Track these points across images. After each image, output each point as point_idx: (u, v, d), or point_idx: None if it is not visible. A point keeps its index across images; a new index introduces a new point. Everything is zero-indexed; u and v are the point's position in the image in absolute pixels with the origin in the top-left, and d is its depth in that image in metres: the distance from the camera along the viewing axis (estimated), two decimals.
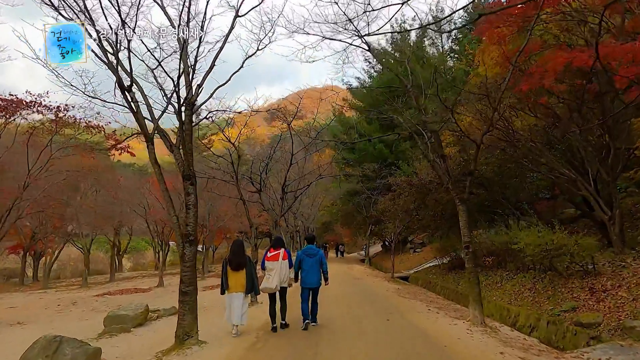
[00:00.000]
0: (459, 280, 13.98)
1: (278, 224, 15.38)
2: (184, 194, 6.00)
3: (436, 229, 16.25)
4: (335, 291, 12.21)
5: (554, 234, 8.78)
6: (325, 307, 8.84)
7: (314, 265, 6.56)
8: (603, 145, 10.42)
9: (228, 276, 6.19)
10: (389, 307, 9.08)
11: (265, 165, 15.23)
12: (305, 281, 6.55)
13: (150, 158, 5.96)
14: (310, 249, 6.74)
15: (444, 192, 13.92)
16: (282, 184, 15.20)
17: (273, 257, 6.37)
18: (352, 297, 10.84)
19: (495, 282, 11.54)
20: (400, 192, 17.67)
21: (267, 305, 6.63)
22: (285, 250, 6.50)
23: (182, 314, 5.79)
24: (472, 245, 13.25)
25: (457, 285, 13.42)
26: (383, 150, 28.67)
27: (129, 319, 7.80)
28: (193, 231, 5.92)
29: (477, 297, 7.27)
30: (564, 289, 8.25)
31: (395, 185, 18.21)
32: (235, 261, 6.18)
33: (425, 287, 16.39)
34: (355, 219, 31.81)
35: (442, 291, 14.12)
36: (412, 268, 22.48)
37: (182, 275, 5.84)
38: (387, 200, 19.51)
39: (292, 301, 6.84)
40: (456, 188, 7.76)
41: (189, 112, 6.07)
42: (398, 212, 17.70)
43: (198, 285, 6.17)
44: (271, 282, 6.20)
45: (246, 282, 6.17)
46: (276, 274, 6.23)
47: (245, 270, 6.20)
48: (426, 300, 11.16)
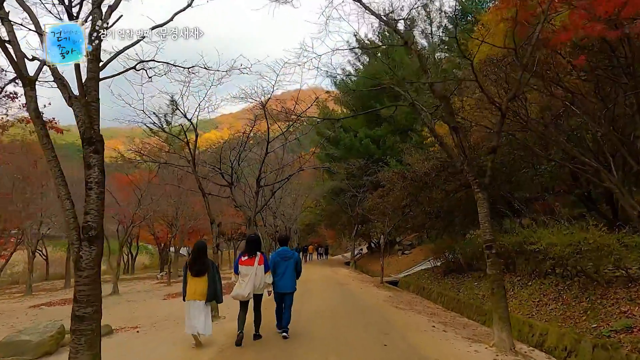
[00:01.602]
0: (458, 286, 12.23)
1: (252, 222, 13.38)
2: (84, 167, 3.93)
3: (431, 228, 14.46)
4: (317, 300, 10.27)
5: (587, 232, 7.09)
6: (305, 322, 6.95)
7: (289, 269, 6.06)
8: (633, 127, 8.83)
9: (188, 282, 5.59)
10: (383, 322, 7.18)
11: (237, 154, 13.19)
12: (278, 285, 6.01)
13: (28, 109, 3.89)
14: (284, 251, 6.23)
15: (444, 184, 12.19)
16: (257, 177, 13.21)
17: (248, 261, 5.74)
18: (337, 308, 8.93)
19: (506, 289, 9.78)
20: (391, 187, 15.90)
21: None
22: (262, 254, 5.84)
23: (74, 350, 3.74)
24: (471, 248, 11.49)
25: (457, 293, 11.66)
26: (370, 146, 26.91)
27: (31, 346, 5.65)
28: (95, 223, 3.87)
29: (504, 315, 5.43)
30: (605, 300, 6.52)
31: (385, 180, 16.46)
32: (195, 266, 5.56)
33: (419, 293, 14.60)
34: (340, 218, 29.96)
35: (440, 299, 12.34)
36: (401, 271, 20.70)
37: (77, 291, 3.80)
38: (375, 197, 17.70)
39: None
40: (473, 170, 5.93)
41: (96, 44, 4.04)
42: (387, 210, 15.90)
43: (162, 293, 4.25)
44: (244, 288, 5.59)
45: (207, 290, 5.53)
46: (250, 280, 5.62)
47: (207, 276, 5.56)
48: (425, 312, 9.33)
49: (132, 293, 14.36)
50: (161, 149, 10.40)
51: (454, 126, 6.05)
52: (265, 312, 6.05)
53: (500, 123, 5.89)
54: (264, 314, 5.96)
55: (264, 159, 12.93)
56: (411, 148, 17.44)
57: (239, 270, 5.74)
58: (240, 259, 5.82)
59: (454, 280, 13.22)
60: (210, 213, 7.97)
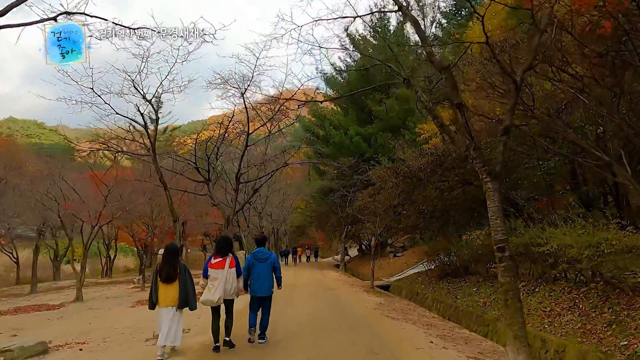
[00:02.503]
0: (455, 292, 11.24)
1: (231, 222, 12.27)
2: None
3: (425, 229, 13.45)
4: (300, 309, 9.19)
5: (607, 232, 6.14)
6: (282, 337, 5.95)
7: (266, 271, 5.73)
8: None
9: (158, 288, 5.22)
10: (372, 337, 6.12)
11: (215, 148, 12.07)
12: (254, 289, 5.70)
13: None
14: (261, 252, 5.88)
15: (440, 182, 11.21)
16: (236, 173, 12.11)
17: (218, 264, 5.41)
18: (321, 319, 7.85)
19: None
20: (382, 185, 14.89)
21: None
22: (233, 256, 5.50)
23: None
24: (469, 250, 10.54)
25: (454, 299, 10.65)
26: (361, 144, 25.92)
27: None
28: None
29: (520, 333, 4.40)
30: (633, 311, 5.54)
31: (376, 178, 15.46)
32: (165, 271, 5.21)
33: (412, 299, 13.59)
34: (330, 219, 28.87)
35: (435, 306, 11.33)
36: (393, 275, 19.72)
37: None
38: (365, 195, 16.68)
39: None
40: (481, 155, 4.91)
41: None
42: (379, 210, 14.88)
43: (133, 299, 3.50)
44: (213, 293, 5.24)
45: (179, 296, 5.17)
46: (220, 284, 5.27)
47: (178, 282, 5.20)
48: (420, 322, 8.30)
49: (99, 300, 13.08)
50: (124, 138, 9.25)
51: (458, 103, 5.02)
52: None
53: (515, 97, 4.89)
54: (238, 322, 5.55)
55: (243, 152, 11.84)
56: (404, 144, 16.48)
57: (208, 274, 5.42)
58: (209, 262, 5.48)
59: (450, 285, 12.23)
60: (174, 210, 6.90)
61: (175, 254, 5.39)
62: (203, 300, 5.31)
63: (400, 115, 25.50)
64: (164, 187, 6.82)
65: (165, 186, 6.84)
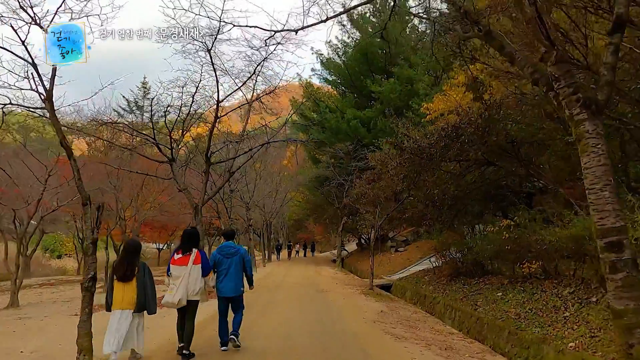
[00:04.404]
0: (473, 296, 9.05)
1: (200, 212, 10.12)
2: None
3: (435, 219, 11.22)
4: (277, 320, 7.05)
5: None
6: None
7: (233, 268, 5.15)
8: None
9: (114, 288, 4.64)
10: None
11: (177, 118, 9.82)
12: (220, 289, 5.14)
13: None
14: (228, 247, 5.34)
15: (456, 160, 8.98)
16: (206, 151, 9.89)
17: (181, 260, 4.86)
18: (301, 338, 5.69)
19: (551, 305, 6.65)
20: (383, 169, 12.69)
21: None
22: (198, 251, 4.91)
23: None
24: (493, 245, 8.41)
25: (474, 307, 8.45)
26: (359, 128, 23.63)
27: None
28: None
29: None
30: None
31: (376, 161, 13.28)
32: (121, 269, 4.65)
33: (418, 302, 11.42)
34: (326, 211, 26.69)
35: (449, 314, 9.15)
36: (394, 272, 17.56)
37: None
38: (363, 182, 14.47)
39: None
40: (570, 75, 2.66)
41: None
42: (380, 198, 12.68)
43: None
44: (174, 294, 4.64)
45: (137, 297, 4.58)
46: (182, 283, 4.68)
47: (135, 281, 4.63)
48: (436, 342, 6.10)
49: (42, 305, 10.92)
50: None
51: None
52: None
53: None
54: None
55: (213, 125, 9.58)
56: (408, 124, 14.27)
57: (170, 272, 4.92)
58: (172, 258, 5.00)
59: (465, 287, 10.06)
60: (82, 188, 4.68)
61: (134, 251, 4.91)
62: (164, 302, 4.81)
63: (402, 97, 23.20)
64: (67, 155, 4.64)
65: (69, 153, 4.63)
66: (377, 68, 26.07)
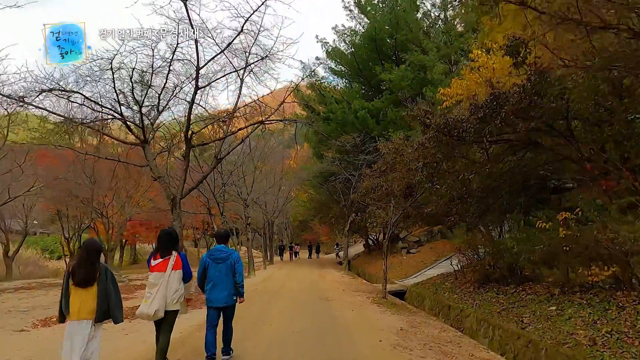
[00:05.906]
0: (517, 310, 7.24)
1: (178, 205, 8.49)
2: None
3: (461, 215, 9.38)
4: (273, 336, 5.31)
5: None
6: None
7: (224, 275, 4.68)
8: None
9: (70, 295, 3.91)
10: None
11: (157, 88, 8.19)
12: (211, 299, 4.68)
13: None
14: (219, 250, 4.81)
15: (493, 140, 7.21)
16: (185, 129, 8.24)
17: (158, 266, 4.22)
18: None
19: (632, 321, 4.84)
20: (397, 157, 10.97)
21: None
22: (179, 255, 4.30)
23: None
24: (547, 246, 6.72)
25: (519, 325, 6.63)
26: (367, 119, 21.86)
27: None
28: None
29: None
30: None
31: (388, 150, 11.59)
32: (81, 273, 3.92)
33: (441, 313, 9.63)
34: (332, 209, 24.93)
35: (485, 332, 7.34)
36: (408, 276, 15.74)
37: None
38: (374, 174, 12.73)
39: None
40: None
41: None
42: (395, 190, 10.91)
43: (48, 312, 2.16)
44: (150, 304, 4.09)
45: (97, 305, 3.91)
46: (160, 291, 4.11)
47: (96, 287, 3.95)
48: None
49: (9, 313, 9.30)
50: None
51: None
52: None
53: None
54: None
55: (193, 98, 7.88)
56: (426, 104, 12.49)
57: (148, 280, 4.29)
58: (150, 264, 4.29)
59: (499, 296, 8.28)
60: None
61: (95, 253, 4.10)
62: (138, 314, 4.22)
63: (414, 85, 21.38)
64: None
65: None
66: (386, 56, 24.30)
